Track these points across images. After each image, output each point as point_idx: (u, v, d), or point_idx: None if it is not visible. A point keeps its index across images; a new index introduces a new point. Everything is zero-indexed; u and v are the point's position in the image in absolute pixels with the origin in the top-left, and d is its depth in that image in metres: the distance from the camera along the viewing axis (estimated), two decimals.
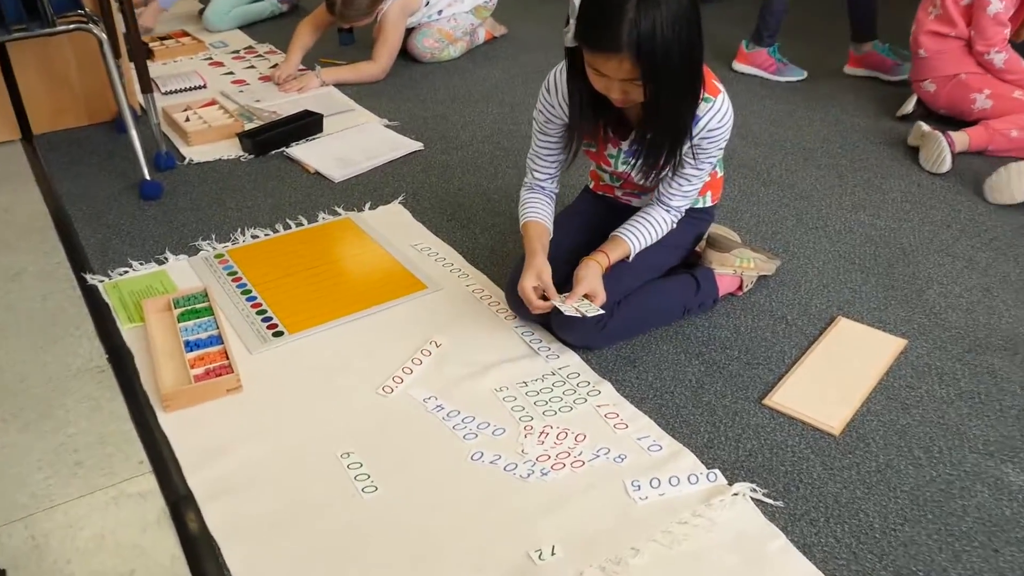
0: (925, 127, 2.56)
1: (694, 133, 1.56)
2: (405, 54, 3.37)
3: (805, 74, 3.18)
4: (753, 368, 1.70)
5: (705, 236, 1.92)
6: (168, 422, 1.56)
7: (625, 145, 1.68)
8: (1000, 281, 1.97)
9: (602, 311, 1.63)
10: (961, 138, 2.51)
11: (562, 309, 1.62)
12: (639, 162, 1.61)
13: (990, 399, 1.62)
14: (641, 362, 1.72)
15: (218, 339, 1.74)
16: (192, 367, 1.66)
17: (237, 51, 3.57)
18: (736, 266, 1.86)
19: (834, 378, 1.66)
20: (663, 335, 1.80)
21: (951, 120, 2.67)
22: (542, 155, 1.76)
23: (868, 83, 3.14)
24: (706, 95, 1.54)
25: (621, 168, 1.73)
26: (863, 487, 1.43)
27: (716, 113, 1.58)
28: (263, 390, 1.64)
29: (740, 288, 1.91)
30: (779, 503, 1.39)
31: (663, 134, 1.54)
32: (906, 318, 1.85)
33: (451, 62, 3.41)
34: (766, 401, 1.61)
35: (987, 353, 1.74)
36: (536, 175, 1.80)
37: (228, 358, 1.68)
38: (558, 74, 1.65)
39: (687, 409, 1.60)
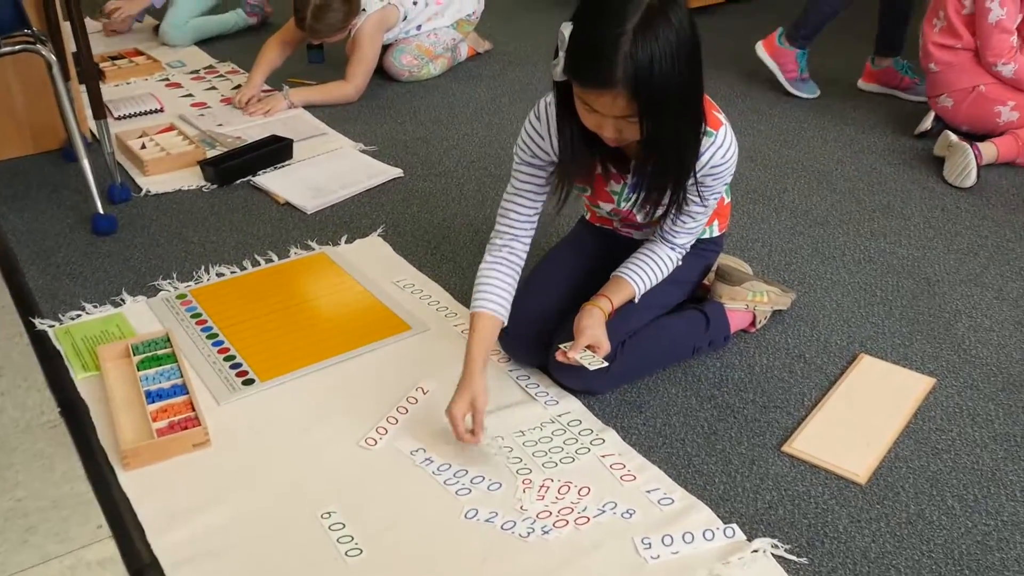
0: (953, 137, 2.63)
1: (696, 170, 1.59)
2: (381, 72, 3.42)
3: (818, 93, 3.25)
4: (770, 412, 1.73)
5: (714, 268, 1.96)
6: (129, 481, 1.57)
7: (629, 179, 1.70)
8: None
9: (606, 364, 1.65)
10: (988, 149, 2.58)
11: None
12: (639, 199, 1.62)
13: None
14: (648, 407, 1.74)
15: (182, 388, 1.76)
16: (154, 420, 1.67)
17: (196, 71, 3.61)
18: (748, 300, 1.90)
19: (858, 421, 1.69)
20: (671, 377, 1.82)
21: (977, 138, 2.72)
22: (524, 193, 1.72)
23: (884, 100, 3.21)
24: (707, 129, 1.56)
25: (624, 206, 1.75)
26: (893, 540, 1.45)
27: (719, 148, 1.61)
28: (233, 444, 1.65)
29: (753, 324, 1.94)
30: (803, 560, 1.41)
31: (664, 174, 1.55)
32: (933, 355, 1.88)
33: (431, 81, 3.47)
34: (785, 448, 1.64)
35: (1022, 392, 1.77)
36: (512, 220, 1.72)
37: (194, 409, 1.69)
38: (548, 106, 1.65)
39: (700, 458, 1.62)
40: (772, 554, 1.42)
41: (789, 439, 1.66)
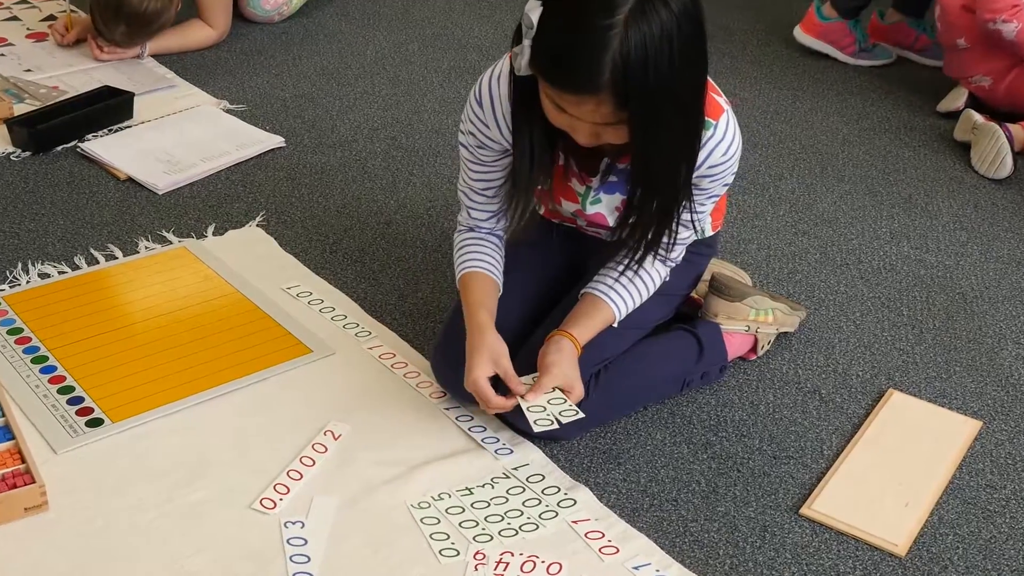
0: (978, 117, 2.75)
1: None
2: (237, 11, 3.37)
3: (894, 56, 3.32)
4: (782, 463, 1.78)
5: (705, 277, 2.00)
6: None
7: (596, 181, 1.73)
8: None
9: (581, 414, 1.67)
10: (1018, 133, 2.70)
11: (529, 415, 1.65)
12: (624, 234, 1.65)
13: None
14: (628, 458, 1.77)
15: (5, 432, 1.71)
16: None
17: None
18: (751, 320, 1.95)
19: (891, 476, 1.76)
20: (654, 418, 1.86)
21: (1010, 118, 2.84)
22: (479, 190, 1.79)
23: (895, 64, 3.33)
24: (704, 119, 1.58)
25: (592, 210, 1.76)
26: None
27: (720, 142, 1.64)
28: (80, 508, 1.61)
29: (754, 350, 2.00)
30: None
31: (653, 195, 1.58)
32: (976, 390, 1.97)
33: (314, 19, 3.43)
34: (804, 510, 1.69)
35: None
36: (473, 214, 1.84)
37: (24, 460, 1.64)
38: (493, 83, 1.66)
39: (698, 523, 1.66)
40: None
41: (808, 499, 1.71)
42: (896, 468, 1.78)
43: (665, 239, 1.64)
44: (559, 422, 1.66)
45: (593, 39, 1.38)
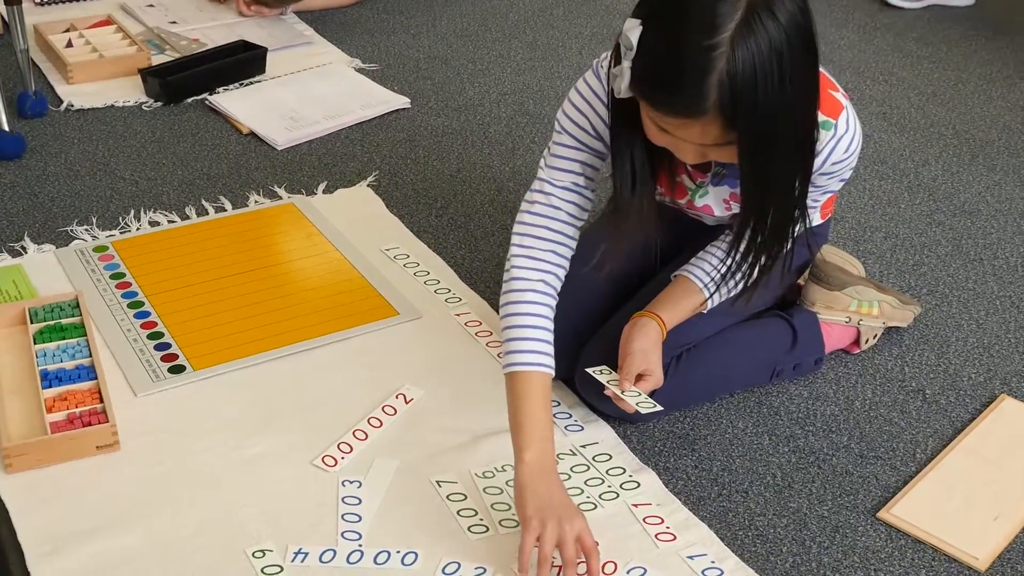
0: None
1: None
2: None
3: None
4: (868, 463, 1.74)
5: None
6: (9, 487, 1.62)
7: (708, 177, 1.71)
8: None
9: (659, 408, 1.67)
10: None
11: (629, 398, 1.65)
12: (735, 258, 1.59)
13: None
14: (704, 444, 1.77)
15: (90, 371, 1.81)
16: (50, 410, 1.72)
17: None
18: (851, 311, 1.91)
19: (985, 485, 1.70)
20: (739, 406, 1.84)
21: None
22: (579, 188, 1.69)
23: None
24: (823, 118, 1.55)
25: (700, 203, 1.75)
26: None
27: (840, 140, 1.60)
28: (149, 450, 1.70)
29: (857, 343, 1.96)
30: None
31: (765, 213, 1.52)
32: None
33: None
34: (883, 513, 1.65)
35: None
36: (556, 231, 1.70)
37: (103, 400, 1.74)
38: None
39: (765, 518, 1.64)
40: None
41: (889, 502, 1.67)
42: (992, 478, 1.72)
43: (777, 256, 1.60)
44: (637, 411, 1.67)
45: (697, 60, 1.33)
